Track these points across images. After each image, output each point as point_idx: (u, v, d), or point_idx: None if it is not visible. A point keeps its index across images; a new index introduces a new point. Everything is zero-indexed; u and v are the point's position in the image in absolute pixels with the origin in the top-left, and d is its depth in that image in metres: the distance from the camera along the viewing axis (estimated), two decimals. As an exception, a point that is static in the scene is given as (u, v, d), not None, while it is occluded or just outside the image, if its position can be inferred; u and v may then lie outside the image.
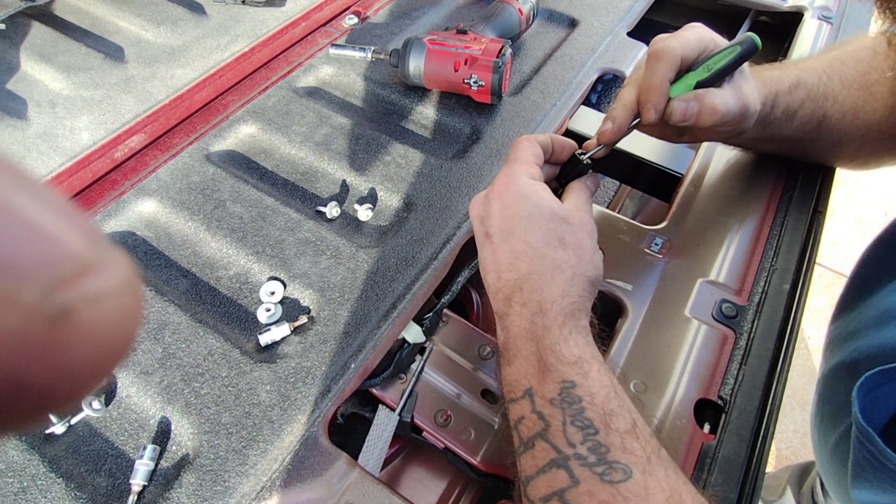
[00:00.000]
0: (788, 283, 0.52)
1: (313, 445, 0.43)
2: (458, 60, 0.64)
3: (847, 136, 0.53)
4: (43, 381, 0.10)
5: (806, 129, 0.53)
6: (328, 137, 0.64)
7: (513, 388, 0.38)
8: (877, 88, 0.52)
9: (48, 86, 0.68)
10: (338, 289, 0.51)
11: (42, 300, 0.10)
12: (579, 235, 0.42)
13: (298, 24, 0.78)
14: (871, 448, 0.39)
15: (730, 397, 0.46)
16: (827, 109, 0.52)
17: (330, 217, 0.57)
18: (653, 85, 0.45)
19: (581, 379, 0.36)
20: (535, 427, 0.35)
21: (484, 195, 0.46)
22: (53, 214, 0.11)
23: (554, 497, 0.32)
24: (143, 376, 0.46)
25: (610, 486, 0.31)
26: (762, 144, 0.55)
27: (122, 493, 0.41)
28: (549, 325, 0.38)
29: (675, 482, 0.32)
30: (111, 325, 0.11)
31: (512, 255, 0.41)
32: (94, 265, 0.11)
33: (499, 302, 0.42)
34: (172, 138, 0.66)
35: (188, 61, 0.71)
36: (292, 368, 0.47)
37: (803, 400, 1.56)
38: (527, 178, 0.43)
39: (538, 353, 0.37)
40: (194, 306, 0.51)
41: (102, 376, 0.12)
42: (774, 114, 0.51)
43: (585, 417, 0.34)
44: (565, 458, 0.33)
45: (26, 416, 0.10)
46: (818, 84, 0.52)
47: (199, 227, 0.56)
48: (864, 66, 0.53)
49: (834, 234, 1.91)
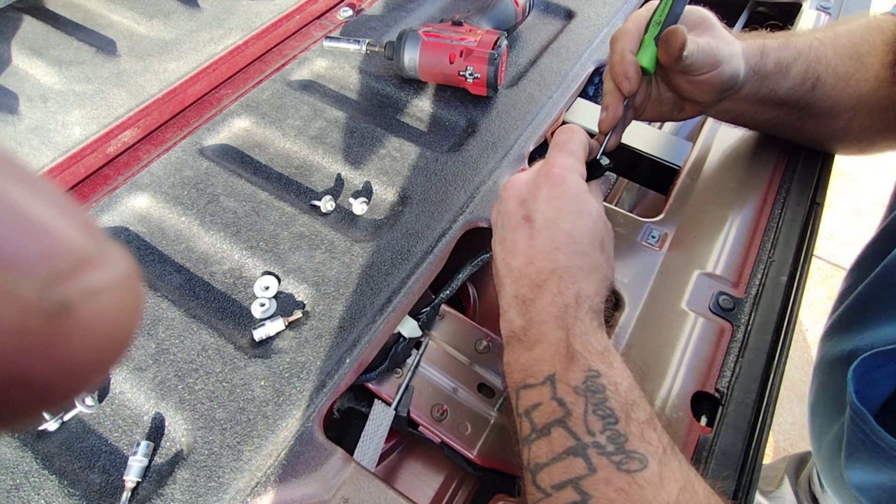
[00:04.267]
0: (786, 275, 0.52)
1: (308, 440, 0.43)
2: (453, 52, 0.63)
3: (840, 104, 0.53)
4: (42, 376, 0.10)
5: (801, 90, 0.53)
6: (323, 131, 0.64)
7: (531, 374, 0.37)
8: (868, 59, 0.53)
9: (40, 80, 0.67)
10: (332, 283, 0.51)
11: (41, 295, 0.10)
12: (612, 243, 0.44)
13: (293, 17, 0.78)
14: (865, 427, 0.39)
15: (727, 390, 0.46)
16: (819, 73, 0.52)
17: (324, 211, 0.57)
18: (617, 60, 0.48)
19: (606, 368, 0.36)
20: (554, 414, 0.35)
21: (530, 178, 0.44)
22: (52, 208, 0.11)
23: (568, 485, 0.32)
24: (137, 372, 0.46)
25: (626, 474, 0.31)
26: (760, 110, 0.55)
27: (116, 490, 0.41)
28: (581, 316, 0.38)
29: (687, 473, 0.33)
30: (111, 320, 0.11)
31: (552, 244, 0.40)
32: (93, 259, 0.11)
33: (523, 287, 0.40)
34: (165, 133, 0.65)
35: (181, 55, 0.71)
36: (287, 363, 0.46)
37: (801, 392, 1.56)
38: (578, 175, 0.44)
39: (567, 340, 0.37)
40: (188, 301, 0.51)
41: (102, 371, 0.11)
42: (767, 66, 0.52)
43: (607, 407, 0.34)
44: (584, 446, 0.33)
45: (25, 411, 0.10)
46: (809, 48, 0.53)
47: (193, 222, 0.55)
48: (857, 38, 0.54)
49: (832, 226, 1.91)
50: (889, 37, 0.53)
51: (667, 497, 0.31)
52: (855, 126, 0.55)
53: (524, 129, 0.65)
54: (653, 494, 0.31)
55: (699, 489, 0.32)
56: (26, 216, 0.10)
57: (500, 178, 0.60)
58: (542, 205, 0.42)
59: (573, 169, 0.43)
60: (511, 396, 0.39)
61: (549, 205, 0.42)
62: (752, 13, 0.89)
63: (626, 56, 0.48)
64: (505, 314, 0.42)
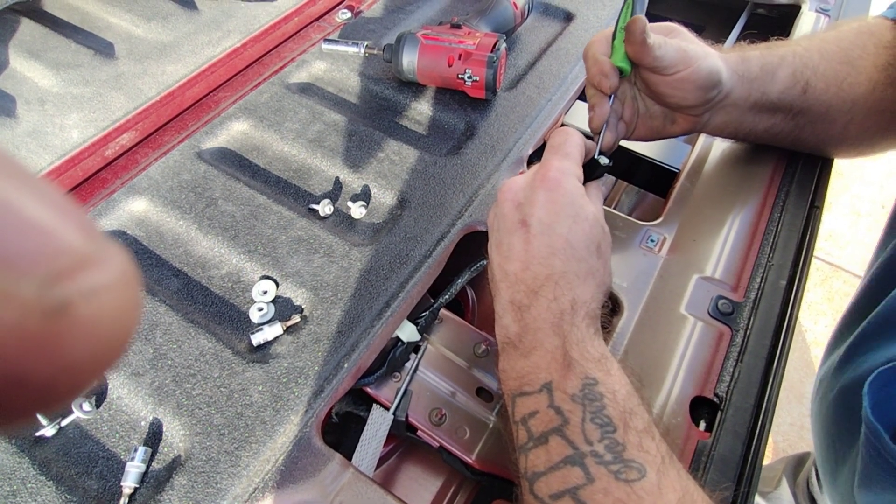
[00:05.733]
0: (785, 279, 0.52)
1: (306, 446, 0.43)
2: (452, 55, 0.63)
3: (835, 108, 0.53)
4: (41, 376, 0.10)
5: (792, 94, 0.53)
6: (321, 134, 0.63)
7: (527, 382, 0.37)
8: (859, 63, 0.53)
9: (37, 83, 0.67)
10: (331, 287, 0.51)
11: (40, 295, 0.10)
12: (609, 247, 0.44)
13: (291, 20, 0.77)
14: (878, 445, 0.38)
15: (726, 395, 0.46)
16: (808, 77, 0.52)
17: (323, 215, 0.57)
18: (592, 64, 0.50)
19: (604, 376, 0.35)
20: (552, 422, 0.34)
21: (526, 181, 0.44)
22: (51, 208, 0.11)
23: (566, 494, 0.32)
24: (134, 377, 0.46)
25: (625, 484, 0.31)
26: (756, 119, 0.55)
27: (114, 496, 0.41)
28: (578, 323, 0.38)
29: (686, 483, 0.32)
30: (109, 320, 0.11)
31: (549, 249, 0.40)
32: (92, 259, 0.11)
33: (518, 293, 0.40)
34: (163, 136, 0.65)
35: (179, 57, 0.71)
36: (285, 368, 0.46)
37: (800, 393, 1.56)
38: (575, 178, 0.43)
39: (563, 347, 0.37)
40: (186, 306, 0.51)
41: (101, 371, 0.12)
42: (752, 70, 0.52)
43: (605, 415, 0.34)
44: (581, 455, 0.33)
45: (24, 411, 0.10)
46: (793, 54, 0.53)
47: (191, 226, 0.55)
48: (846, 42, 0.54)
49: (831, 227, 1.91)
50: (881, 40, 0.53)
51: None
52: (852, 129, 0.55)
53: (523, 132, 0.65)
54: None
55: (698, 499, 0.32)
56: (25, 216, 0.10)
57: (498, 181, 0.60)
58: (538, 209, 0.41)
59: (569, 172, 0.43)
60: (507, 403, 0.39)
61: (546, 209, 0.41)
62: (752, 15, 0.89)
63: (598, 58, 0.49)
64: (500, 320, 0.41)
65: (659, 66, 0.48)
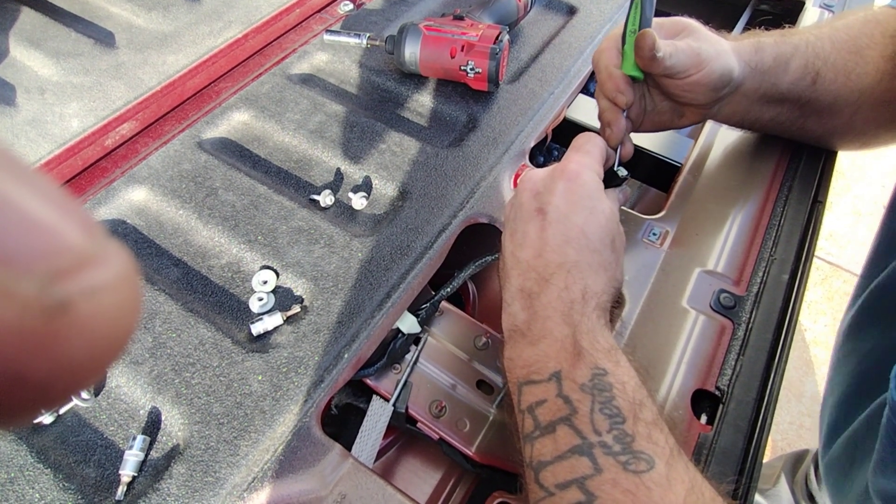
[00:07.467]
0: (787, 273, 0.52)
1: (306, 436, 0.42)
2: (454, 47, 0.63)
3: (842, 99, 0.53)
4: (41, 374, 0.10)
5: (802, 85, 0.53)
6: (322, 125, 0.63)
7: (535, 370, 0.37)
8: (867, 53, 0.52)
9: (37, 72, 0.66)
10: (331, 278, 0.51)
11: (40, 293, 0.10)
12: (623, 245, 0.44)
13: (293, 10, 0.77)
14: None
15: (727, 388, 0.45)
16: (819, 67, 0.52)
17: (324, 205, 0.56)
18: (606, 78, 0.49)
19: (613, 367, 0.35)
20: (559, 411, 0.34)
21: (546, 173, 0.45)
22: (51, 206, 0.11)
23: (573, 484, 0.32)
24: (133, 366, 0.45)
25: (633, 475, 0.31)
26: (763, 109, 0.54)
27: (112, 484, 0.41)
28: (588, 313, 0.38)
29: (694, 475, 0.32)
30: (109, 319, 0.11)
31: (563, 237, 0.40)
32: (93, 258, 0.11)
33: (529, 280, 0.40)
34: (164, 126, 0.65)
35: (180, 47, 0.70)
36: (285, 358, 0.46)
37: (799, 392, 1.56)
38: (595, 173, 0.44)
39: (573, 336, 0.36)
40: (185, 295, 0.50)
41: (100, 370, 0.12)
42: (765, 61, 0.52)
43: (615, 406, 0.33)
44: (590, 445, 0.32)
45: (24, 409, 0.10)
46: (806, 43, 0.53)
47: (191, 216, 0.55)
48: (855, 31, 0.53)
49: (832, 227, 1.91)
50: (888, 29, 0.52)
51: (674, 499, 0.30)
52: (858, 120, 0.54)
53: (525, 125, 0.65)
54: (660, 496, 0.30)
55: (706, 491, 0.31)
56: (25, 214, 0.10)
57: (500, 173, 0.60)
58: (556, 198, 0.42)
59: (590, 167, 0.44)
60: (512, 392, 0.38)
61: (564, 198, 0.42)
62: (755, 11, 0.88)
63: (612, 72, 0.49)
64: (508, 307, 0.41)
65: (670, 73, 0.48)
